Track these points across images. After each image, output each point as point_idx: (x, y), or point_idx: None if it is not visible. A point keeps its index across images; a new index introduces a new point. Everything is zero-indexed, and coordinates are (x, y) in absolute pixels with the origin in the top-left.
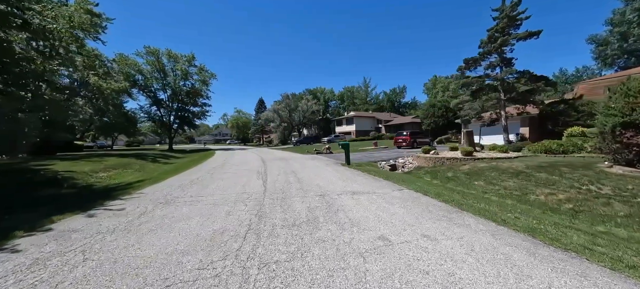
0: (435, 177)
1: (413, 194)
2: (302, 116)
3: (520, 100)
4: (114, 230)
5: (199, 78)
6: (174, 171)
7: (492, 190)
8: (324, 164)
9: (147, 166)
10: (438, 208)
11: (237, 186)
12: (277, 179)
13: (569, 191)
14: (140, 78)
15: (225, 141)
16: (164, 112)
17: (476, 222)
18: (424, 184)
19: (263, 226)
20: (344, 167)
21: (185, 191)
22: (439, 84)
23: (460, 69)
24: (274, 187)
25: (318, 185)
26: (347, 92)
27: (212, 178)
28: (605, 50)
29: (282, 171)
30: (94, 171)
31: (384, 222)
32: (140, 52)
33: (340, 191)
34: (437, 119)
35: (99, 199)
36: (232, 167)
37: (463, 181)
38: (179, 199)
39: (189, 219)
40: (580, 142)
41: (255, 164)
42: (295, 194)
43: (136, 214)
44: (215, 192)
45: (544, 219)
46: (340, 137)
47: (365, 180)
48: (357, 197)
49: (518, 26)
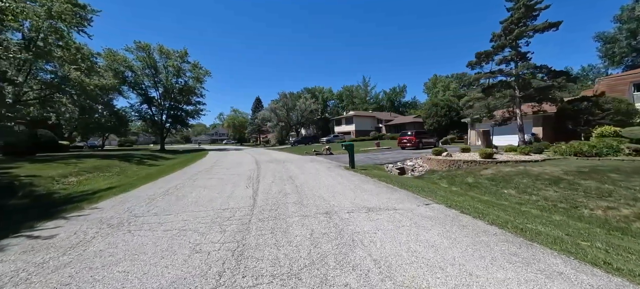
0: (453, 184)
1: (446, 211)
2: (300, 115)
3: (538, 97)
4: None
5: (192, 75)
6: (155, 175)
7: (529, 201)
8: (325, 168)
9: (128, 169)
10: (494, 237)
11: (220, 197)
12: (271, 188)
13: (636, 205)
14: (130, 75)
15: (221, 141)
16: (155, 111)
17: (565, 263)
18: (447, 193)
19: (240, 280)
20: (348, 172)
21: (153, 206)
22: (439, 83)
23: (471, 65)
24: (265, 201)
25: (321, 197)
26: (346, 91)
27: (193, 186)
28: (613, 48)
29: (277, 177)
30: (63, 175)
31: (429, 266)
32: (129, 47)
33: (351, 206)
34: (440, 118)
35: (38, 217)
36: (221, 171)
37: (488, 188)
38: (138, 218)
39: (133, 260)
40: (616, 144)
41: (247, 167)
42: (293, 211)
43: (62, 249)
44: (188, 207)
45: (624, 247)
46: (340, 138)
47: (377, 189)
48: (375, 217)
49: (535, 17)
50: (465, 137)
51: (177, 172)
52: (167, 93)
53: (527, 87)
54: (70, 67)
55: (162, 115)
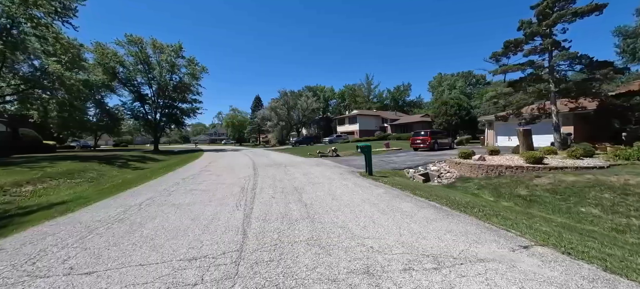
0: (500, 196)
1: (573, 265)
2: (302, 114)
3: (575, 92)
4: None
5: (188, 71)
6: (131, 182)
7: (634, 228)
8: (337, 175)
9: (107, 174)
10: None
11: (193, 228)
12: (270, 209)
13: None
14: (122, 71)
15: (221, 141)
16: (148, 109)
17: None
18: (519, 216)
19: None
20: (367, 181)
21: (77, 250)
22: (444, 81)
23: (496, 56)
24: (261, 238)
25: (346, 227)
26: (348, 90)
27: (164, 203)
28: (635, 42)
29: (278, 188)
30: (17, 183)
31: None
32: (120, 41)
33: (401, 251)
34: (449, 117)
35: None
36: (209, 179)
37: (554, 204)
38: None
39: None
40: None
41: (242, 172)
42: (308, 262)
43: None
44: (134, 253)
45: None
46: (343, 138)
47: (421, 210)
48: (457, 282)
49: (573, 0)
50: (481, 137)
51: (156, 180)
52: (161, 90)
53: (562, 81)
54: (49, 59)
55: (156, 114)
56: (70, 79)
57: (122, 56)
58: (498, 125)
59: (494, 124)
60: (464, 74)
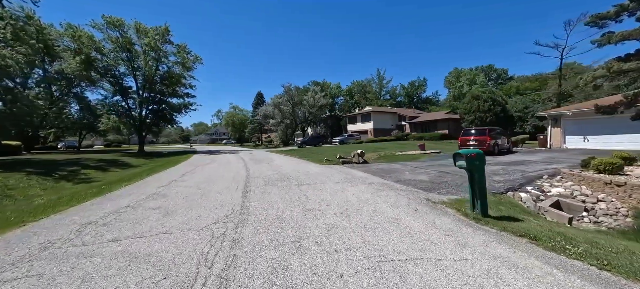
0: None
1: None
2: (308, 111)
3: None
4: None
5: (177, 60)
6: (36, 212)
7: None
8: (410, 214)
9: (27, 191)
10: None
11: None
12: None
13: None
14: (100, 58)
15: (221, 140)
16: (132, 104)
17: None
18: None
19: None
20: (493, 238)
21: None
22: (463, 76)
23: (597, 20)
24: None
25: None
26: (357, 86)
27: None
28: None
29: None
30: None
31: None
32: (97, 23)
33: None
34: (483, 114)
35: None
36: (152, 218)
37: None
38: None
39: None
40: None
41: (220, 198)
42: None
43: None
44: None
45: None
46: (355, 137)
47: None
48: None
49: None
50: (541, 137)
51: (73, 208)
52: (147, 82)
53: None
54: None
55: (142, 109)
56: (8, 58)
57: (100, 42)
58: (566, 122)
59: (561, 121)
60: (483, 68)
